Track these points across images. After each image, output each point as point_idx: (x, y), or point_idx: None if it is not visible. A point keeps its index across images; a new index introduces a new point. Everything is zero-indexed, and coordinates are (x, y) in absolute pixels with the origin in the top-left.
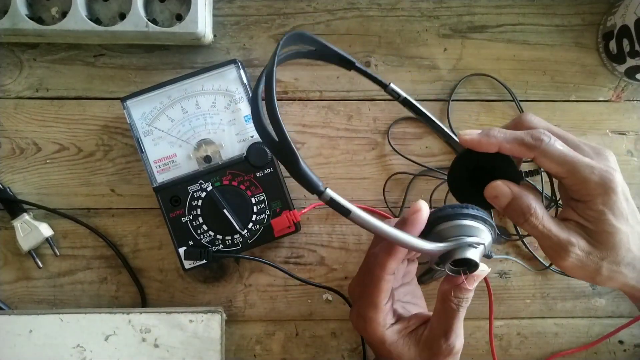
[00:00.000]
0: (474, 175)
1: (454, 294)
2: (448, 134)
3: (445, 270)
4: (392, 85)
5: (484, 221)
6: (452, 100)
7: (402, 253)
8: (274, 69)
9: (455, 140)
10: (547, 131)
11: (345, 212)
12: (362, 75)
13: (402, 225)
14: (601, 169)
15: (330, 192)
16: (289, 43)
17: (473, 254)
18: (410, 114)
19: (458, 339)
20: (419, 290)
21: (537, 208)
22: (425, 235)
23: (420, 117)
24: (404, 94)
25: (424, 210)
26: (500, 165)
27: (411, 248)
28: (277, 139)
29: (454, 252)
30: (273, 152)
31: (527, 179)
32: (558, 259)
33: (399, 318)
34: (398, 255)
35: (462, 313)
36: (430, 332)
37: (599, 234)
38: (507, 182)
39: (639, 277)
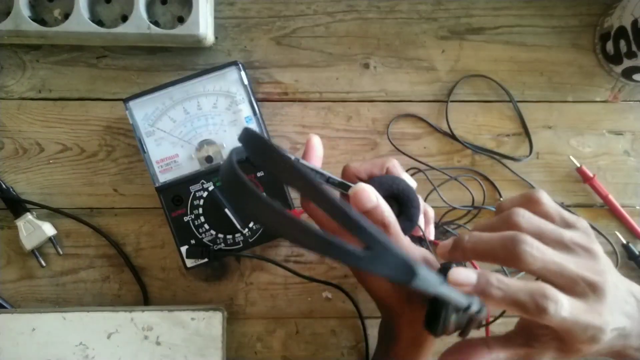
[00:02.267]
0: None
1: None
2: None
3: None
4: None
5: None
6: (450, 101)
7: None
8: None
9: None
10: (541, 270)
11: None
12: None
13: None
14: (593, 329)
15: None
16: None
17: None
18: (409, 113)
19: None
20: None
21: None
22: None
23: None
24: None
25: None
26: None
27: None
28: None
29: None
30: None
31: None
32: None
33: None
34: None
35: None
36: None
37: (575, 342)
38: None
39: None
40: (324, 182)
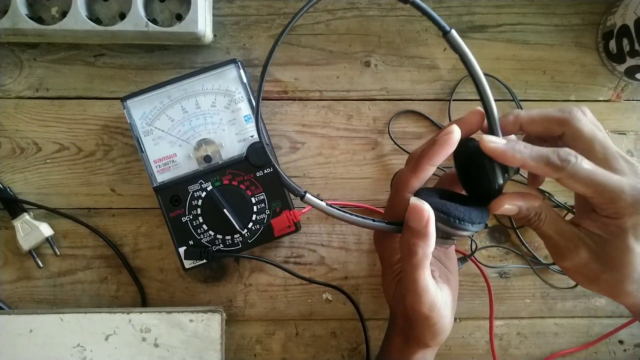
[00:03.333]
0: (466, 166)
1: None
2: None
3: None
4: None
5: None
6: (452, 100)
7: (426, 171)
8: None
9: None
10: (591, 134)
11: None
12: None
13: (431, 145)
14: (633, 190)
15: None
16: None
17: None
18: (410, 109)
19: None
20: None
21: (541, 213)
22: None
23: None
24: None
25: (456, 132)
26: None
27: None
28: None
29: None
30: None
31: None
32: (557, 260)
33: None
34: (420, 173)
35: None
36: None
37: (610, 249)
38: (511, 197)
39: None
40: None
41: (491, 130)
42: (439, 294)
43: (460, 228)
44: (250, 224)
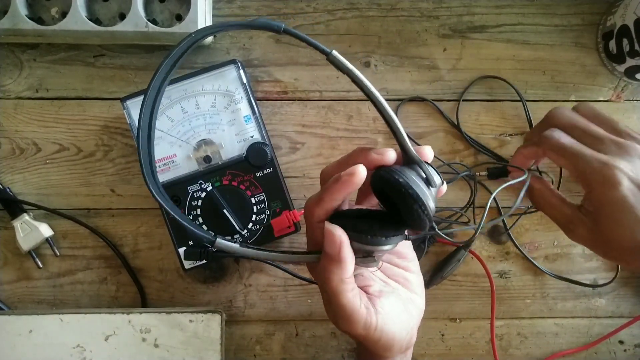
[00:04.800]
0: (383, 193)
1: None
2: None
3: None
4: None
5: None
6: (454, 100)
7: (330, 205)
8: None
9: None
10: (569, 122)
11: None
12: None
13: (334, 182)
14: (600, 163)
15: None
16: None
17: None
18: (418, 97)
19: None
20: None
21: (543, 189)
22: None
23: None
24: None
25: (360, 174)
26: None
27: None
28: None
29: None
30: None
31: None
32: (566, 232)
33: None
34: (325, 206)
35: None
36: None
37: (601, 223)
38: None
39: None
40: None
41: (403, 150)
42: (371, 313)
43: (376, 243)
44: (250, 224)
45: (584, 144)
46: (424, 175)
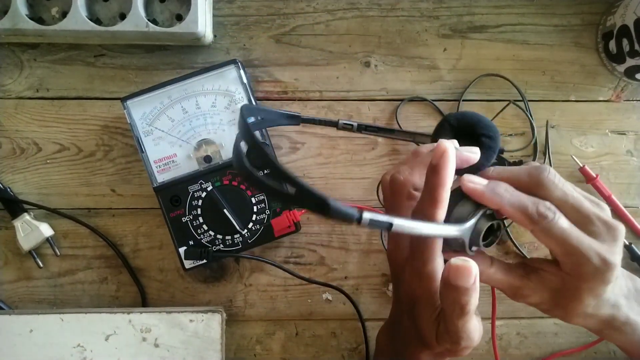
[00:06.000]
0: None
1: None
2: (412, 133)
3: (481, 247)
4: (341, 121)
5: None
6: (455, 101)
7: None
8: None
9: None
10: (561, 198)
11: (387, 227)
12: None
13: (435, 172)
14: (600, 258)
15: (367, 215)
16: (246, 115)
17: (493, 219)
18: (418, 97)
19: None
20: None
21: (487, 270)
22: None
23: (381, 134)
24: (356, 122)
25: (451, 149)
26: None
27: (444, 236)
28: (293, 190)
29: (480, 225)
30: (296, 204)
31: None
32: (511, 298)
33: None
34: (443, 205)
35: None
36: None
37: (563, 300)
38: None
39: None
40: None
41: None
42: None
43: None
44: (250, 224)
45: (574, 224)
46: None
